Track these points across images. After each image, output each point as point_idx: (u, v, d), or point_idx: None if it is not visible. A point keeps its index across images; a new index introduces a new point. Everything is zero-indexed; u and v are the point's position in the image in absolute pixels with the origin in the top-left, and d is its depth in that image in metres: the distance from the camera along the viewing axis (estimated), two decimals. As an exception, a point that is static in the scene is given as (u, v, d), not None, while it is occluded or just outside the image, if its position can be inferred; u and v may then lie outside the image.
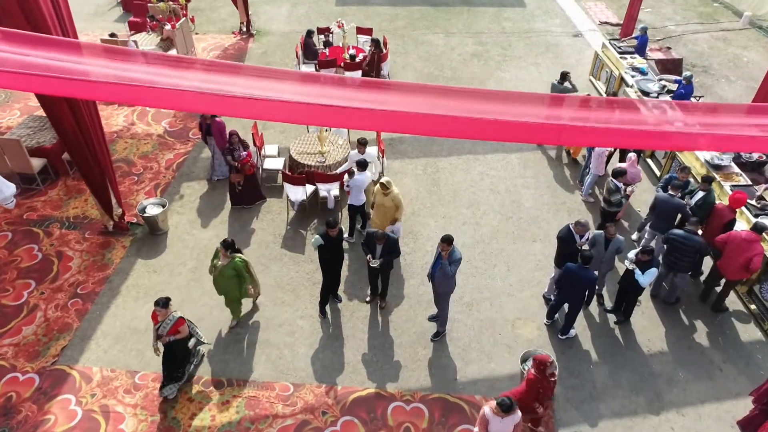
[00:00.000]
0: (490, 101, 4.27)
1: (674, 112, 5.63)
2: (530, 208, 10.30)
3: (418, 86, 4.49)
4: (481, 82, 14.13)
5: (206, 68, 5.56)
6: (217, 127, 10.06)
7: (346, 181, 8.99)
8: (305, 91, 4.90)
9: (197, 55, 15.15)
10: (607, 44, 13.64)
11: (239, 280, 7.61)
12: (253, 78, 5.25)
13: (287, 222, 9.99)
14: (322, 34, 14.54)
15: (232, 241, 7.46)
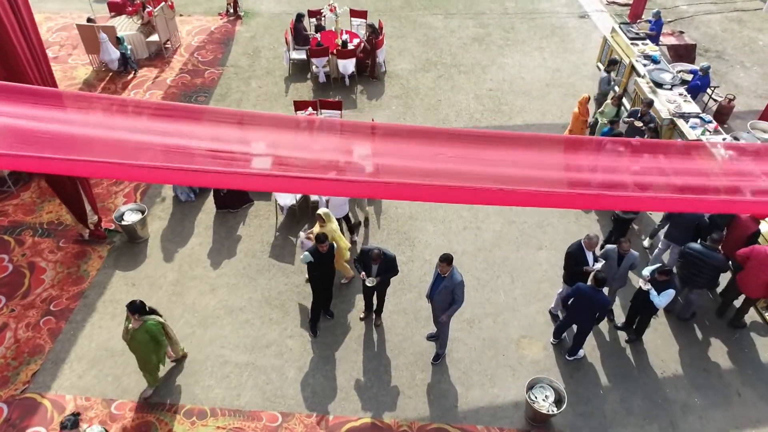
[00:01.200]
0: (501, 147, 3.56)
1: (749, 161, 4.76)
2: (534, 212, 9.67)
3: (410, 131, 3.75)
4: (483, 69, 13.33)
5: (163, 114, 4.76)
6: None
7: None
8: (278, 141, 4.26)
9: (181, 39, 14.26)
10: (617, 28, 12.81)
11: (156, 344, 6.60)
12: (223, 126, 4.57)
13: (276, 228, 9.35)
14: (313, 18, 13.66)
15: (141, 303, 6.41)
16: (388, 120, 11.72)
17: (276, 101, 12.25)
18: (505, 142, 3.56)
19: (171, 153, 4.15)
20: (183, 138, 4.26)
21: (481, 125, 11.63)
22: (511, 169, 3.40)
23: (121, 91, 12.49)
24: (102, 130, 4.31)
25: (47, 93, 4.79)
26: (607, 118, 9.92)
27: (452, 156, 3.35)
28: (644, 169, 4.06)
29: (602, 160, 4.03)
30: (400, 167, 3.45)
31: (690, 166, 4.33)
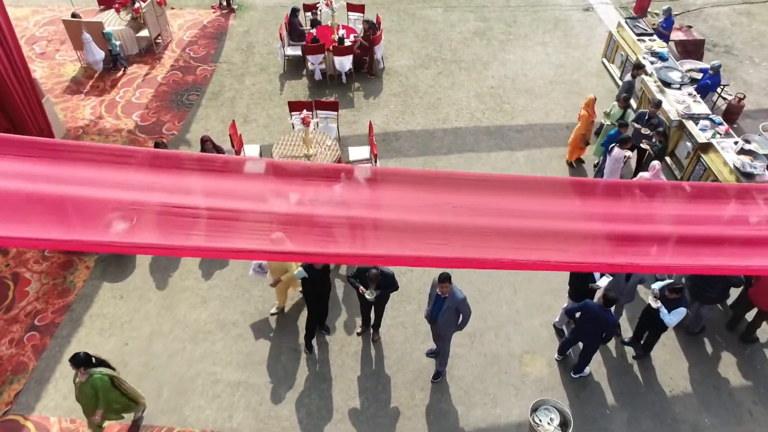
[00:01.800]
0: (515, 193, 3.15)
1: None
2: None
3: (410, 177, 3.30)
4: (484, 65, 12.91)
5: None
6: None
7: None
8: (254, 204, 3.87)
9: (172, 34, 13.80)
10: (623, 23, 12.37)
11: (103, 400, 5.96)
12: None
13: (270, 235, 9.01)
14: (309, 12, 13.20)
15: (85, 355, 5.78)
16: (386, 119, 11.33)
17: (270, 100, 11.84)
18: (520, 187, 3.15)
19: (162, 218, 3.72)
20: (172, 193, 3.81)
21: (482, 125, 11.25)
22: (527, 222, 3.00)
23: (110, 90, 12.07)
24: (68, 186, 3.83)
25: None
26: (612, 120, 9.54)
27: (458, 206, 2.96)
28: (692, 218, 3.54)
29: (636, 207, 3.54)
30: (399, 222, 3.05)
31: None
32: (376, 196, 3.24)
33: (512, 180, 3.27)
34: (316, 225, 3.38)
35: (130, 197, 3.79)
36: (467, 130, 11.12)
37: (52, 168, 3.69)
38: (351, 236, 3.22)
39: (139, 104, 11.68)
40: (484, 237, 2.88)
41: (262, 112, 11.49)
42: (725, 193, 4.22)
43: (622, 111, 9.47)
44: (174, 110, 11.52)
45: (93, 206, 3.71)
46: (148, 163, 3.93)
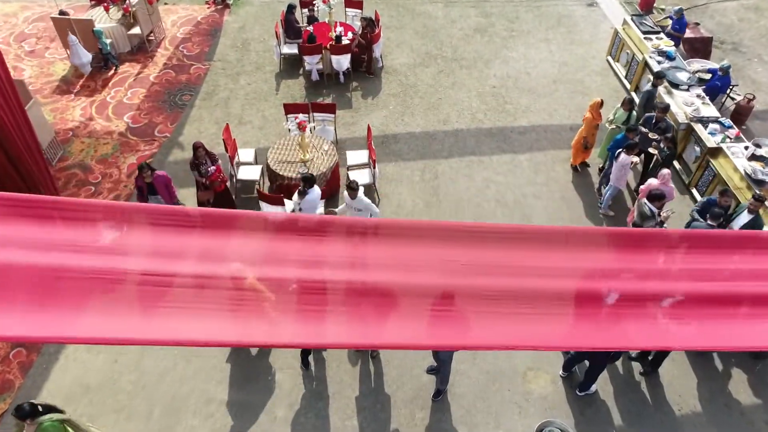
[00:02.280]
0: (532, 247, 2.75)
1: None
2: (543, 218, 9.05)
3: (411, 229, 2.78)
4: (485, 63, 12.56)
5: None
6: (161, 182, 7.89)
7: (296, 203, 7.71)
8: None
9: (165, 31, 13.42)
10: (629, 21, 12.01)
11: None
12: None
13: (265, 244, 8.73)
14: (305, 8, 12.81)
15: (30, 407, 5.32)
16: (385, 120, 11.01)
17: (266, 100, 11.50)
18: (536, 239, 2.73)
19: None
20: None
21: (484, 126, 10.93)
22: (550, 282, 2.60)
23: (101, 89, 11.72)
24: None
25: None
26: (617, 124, 9.22)
27: (466, 263, 2.62)
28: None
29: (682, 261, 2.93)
30: (396, 285, 2.69)
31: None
32: (367, 251, 2.83)
33: (532, 231, 2.80)
34: (283, 291, 2.90)
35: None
36: (468, 131, 10.80)
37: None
38: (333, 312, 2.77)
39: (130, 105, 11.34)
40: (498, 300, 2.51)
41: (257, 113, 11.16)
42: None
43: (626, 114, 9.16)
44: (167, 111, 11.19)
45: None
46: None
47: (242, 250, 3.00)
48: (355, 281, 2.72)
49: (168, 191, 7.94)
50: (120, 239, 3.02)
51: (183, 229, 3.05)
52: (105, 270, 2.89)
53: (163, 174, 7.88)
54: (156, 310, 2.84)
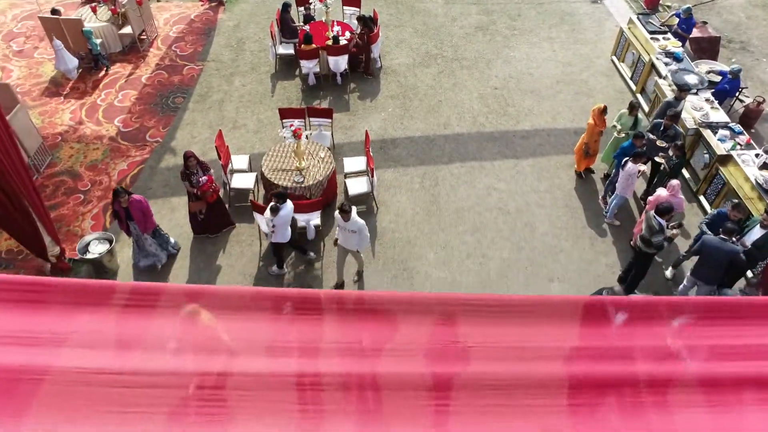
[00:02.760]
0: (550, 323, 2.34)
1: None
2: (545, 235, 8.77)
3: (408, 302, 2.33)
4: (487, 63, 12.22)
5: None
6: (137, 208, 7.44)
7: (269, 220, 7.42)
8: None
9: (157, 30, 13.05)
10: (635, 20, 11.66)
11: None
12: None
13: (260, 256, 8.46)
14: (301, 6, 12.44)
15: None
16: (384, 124, 10.69)
17: (261, 102, 11.17)
18: (552, 311, 2.33)
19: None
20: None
21: (486, 130, 10.61)
22: (575, 367, 2.20)
23: (91, 91, 11.38)
24: None
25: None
26: (624, 130, 8.91)
27: (474, 345, 2.25)
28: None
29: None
30: (391, 378, 2.28)
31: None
32: (357, 330, 2.35)
33: (545, 302, 2.34)
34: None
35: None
36: (470, 136, 10.49)
37: None
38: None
39: (121, 108, 11.01)
40: (513, 390, 2.11)
41: (252, 116, 10.84)
42: None
43: (632, 119, 8.85)
44: (159, 114, 10.86)
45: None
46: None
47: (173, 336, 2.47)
48: (327, 374, 2.29)
49: (144, 217, 7.54)
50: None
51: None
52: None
53: (139, 199, 7.45)
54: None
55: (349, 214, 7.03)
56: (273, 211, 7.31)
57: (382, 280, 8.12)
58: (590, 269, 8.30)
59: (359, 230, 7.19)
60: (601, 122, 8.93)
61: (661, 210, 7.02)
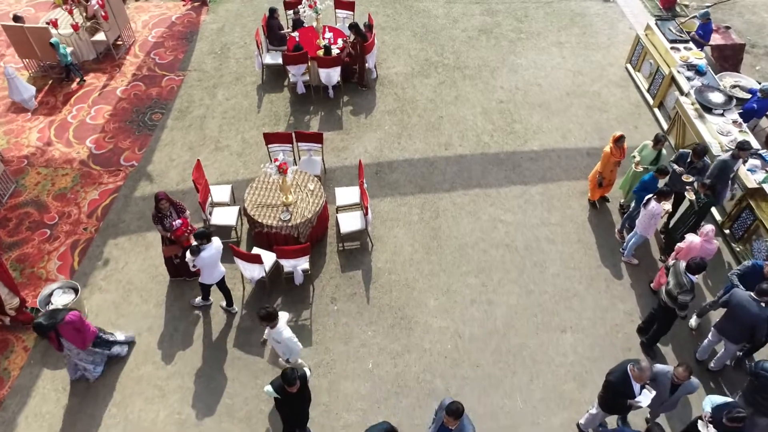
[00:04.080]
0: None
1: None
2: (557, 276, 7.99)
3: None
4: (491, 72, 11.29)
5: None
6: (70, 328, 6.20)
7: (191, 261, 6.66)
8: None
9: (135, 34, 12.06)
10: (653, 26, 10.70)
11: None
12: None
13: (242, 302, 7.68)
14: (290, 9, 11.45)
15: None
16: (380, 144, 9.81)
17: (246, 119, 10.27)
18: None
19: None
20: None
21: (491, 151, 9.75)
22: None
23: (61, 106, 10.47)
24: None
25: None
26: (644, 164, 8.03)
27: None
28: None
29: None
30: None
31: None
32: None
33: None
34: None
35: None
36: (473, 158, 9.63)
37: None
38: None
39: (94, 126, 10.11)
40: None
41: (236, 135, 9.95)
42: None
43: (655, 153, 7.97)
44: (134, 134, 9.97)
45: None
46: None
47: None
48: None
49: (80, 334, 6.30)
50: None
51: None
52: None
53: (70, 319, 6.12)
54: None
55: (275, 321, 5.96)
56: (193, 252, 6.53)
57: (378, 331, 7.35)
58: (606, 317, 7.54)
59: (285, 342, 6.07)
60: (618, 152, 8.07)
61: (694, 267, 6.23)
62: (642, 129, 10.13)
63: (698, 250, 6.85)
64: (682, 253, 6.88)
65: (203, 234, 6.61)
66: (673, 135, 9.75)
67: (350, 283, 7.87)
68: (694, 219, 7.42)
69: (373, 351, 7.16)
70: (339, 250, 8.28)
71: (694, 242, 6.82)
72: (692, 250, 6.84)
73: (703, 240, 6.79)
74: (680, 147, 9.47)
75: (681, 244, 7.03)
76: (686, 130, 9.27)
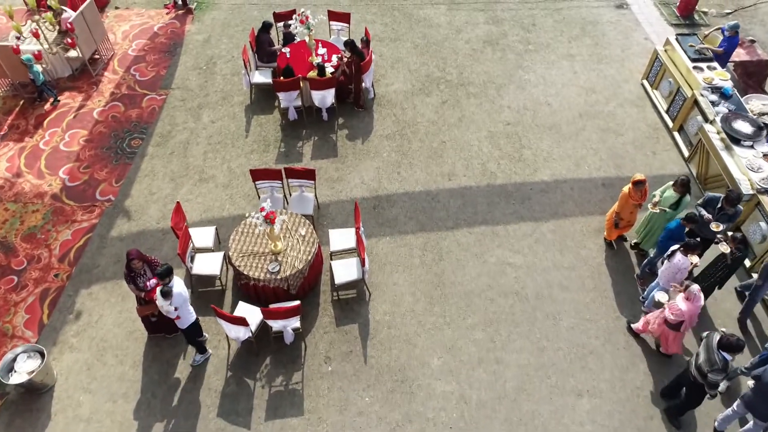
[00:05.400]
0: None
1: None
2: (572, 329, 7.31)
3: None
4: (498, 89, 10.49)
5: None
6: None
7: (166, 306, 6.02)
8: None
9: (114, 47, 11.20)
10: (674, 42, 9.89)
11: None
12: None
13: (227, 363, 6.99)
14: (281, 22, 10.60)
15: None
16: (378, 174, 9.06)
17: (233, 145, 9.50)
18: None
19: None
20: None
21: (497, 182, 9.01)
22: None
23: (33, 131, 9.69)
24: None
25: None
26: (664, 205, 7.24)
27: None
28: None
29: None
30: None
31: None
32: None
33: None
34: None
35: None
36: (479, 190, 8.89)
37: None
38: None
39: (68, 153, 9.34)
40: None
41: (222, 164, 9.19)
42: None
43: (678, 197, 7.21)
44: (112, 162, 9.20)
45: None
46: None
47: None
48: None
49: None
50: None
51: None
52: None
53: None
54: None
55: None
56: (165, 295, 5.89)
57: (376, 397, 6.68)
58: (626, 379, 6.88)
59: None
60: (637, 195, 7.32)
61: (727, 345, 5.54)
62: (660, 155, 9.39)
63: (694, 314, 6.31)
64: (685, 323, 6.34)
65: (167, 272, 5.97)
66: (694, 163, 9.02)
67: (346, 339, 7.19)
68: (724, 273, 6.73)
69: (371, 421, 6.50)
70: (333, 299, 7.58)
71: (685, 310, 6.23)
72: (692, 317, 6.32)
73: (686, 299, 6.28)
74: (703, 178, 8.77)
75: (668, 302, 6.52)
76: (710, 160, 8.53)
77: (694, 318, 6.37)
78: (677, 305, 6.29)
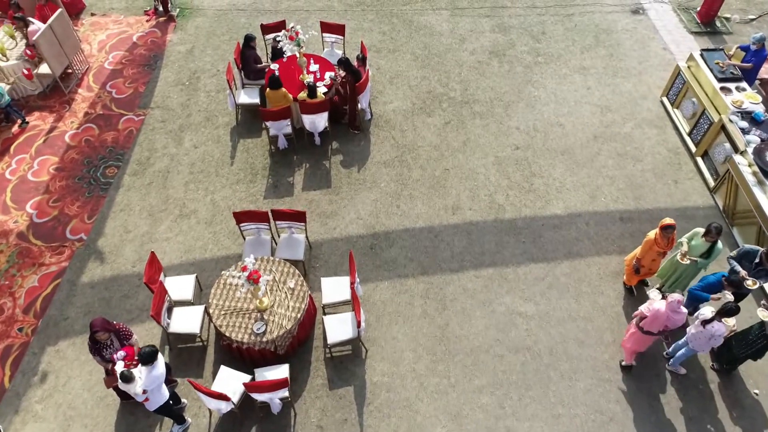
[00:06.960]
0: None
1: None
2: (589, 392, 6.62)
3: None
4: (505, 108, 9.67)
5: None
6: None
7: (137, 389, 5.32)
8: None
9: (89, 60, 10.32)
10: (698, 58, 9.05)
11: None
12: None
13: (209, 434, 6.31)
14: (268, 33, 9.72)
15: None
16: (375, 208, 8.29)
17: (217, 174, 8.71)
18: None
19: None
20: None
21: (506, 217, 8.25)
22: None
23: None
24: None
25: None
26: (693, 255, 6.51)
27: None
28: None
29: None
30: None
31: None
32: None
33: None
34: None
35: None
36: (486, 225, 8.14)
37: None
38: None
39: (37, 184, 8.55)
40: None
41: (205, 197, 8.41)
42: None
43: (707, 245, 6.47)
44: (84, 195, 8.42)
45: None
46: None
47: None
48: None
49: None
50: None
51: None
52: None
53: None
54: None
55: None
56: (125, 380, 5.25)
57: (373, 475, 6.02)
58: (651, 452, 6.22)
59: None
60: (664, 242, 6.58)
61: None
62: (683, 184, 8.63)
63: (664, 320, 5.95)
64: (646, 321, 6.08)
65: (150, 356, 5.27)
66: (720, 195, 8.27)
67: (340, 404, 6.49)
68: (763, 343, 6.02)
69: (367, 505, 5.84)
70: (326, 357, 6.87)
71: (660, 310, 5.91)
72: (657, 318, 5.97)
73: (669, 309, 5.85)
74: (731, 212, 8.03)
75: (643, 307, 6.16)
76: (739, 194, 7.79)
77: (662, 322, 5.98)
78: (656, 306, 5.99)
